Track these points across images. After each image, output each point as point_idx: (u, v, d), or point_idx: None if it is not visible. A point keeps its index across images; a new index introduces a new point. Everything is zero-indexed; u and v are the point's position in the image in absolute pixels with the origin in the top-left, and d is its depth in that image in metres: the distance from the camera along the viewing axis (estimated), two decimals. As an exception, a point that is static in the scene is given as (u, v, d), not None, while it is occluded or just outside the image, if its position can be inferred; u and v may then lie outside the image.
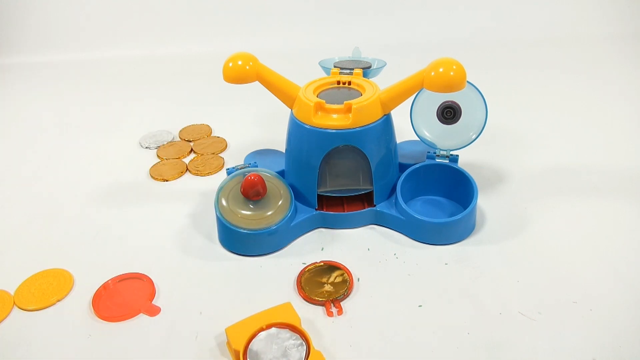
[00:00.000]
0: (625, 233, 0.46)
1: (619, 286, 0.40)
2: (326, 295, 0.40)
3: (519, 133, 0.64)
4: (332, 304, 0.39)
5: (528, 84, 0.79)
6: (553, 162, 0.57)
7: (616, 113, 0.69)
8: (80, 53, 1.01)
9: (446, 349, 0.35)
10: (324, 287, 0.40)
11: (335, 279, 0.41)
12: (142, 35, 1.02)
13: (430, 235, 0.45)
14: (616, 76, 0.81)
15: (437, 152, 0.50)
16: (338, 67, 0.52)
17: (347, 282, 0.41)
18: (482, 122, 0.48)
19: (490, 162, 0.58)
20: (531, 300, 0.39)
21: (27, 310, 0.40)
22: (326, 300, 0.39)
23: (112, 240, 0.48)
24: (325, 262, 0.43)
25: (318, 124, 0.44)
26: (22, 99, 0.84)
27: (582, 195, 0.51)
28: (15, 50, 1.01)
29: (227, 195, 0.46)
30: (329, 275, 0.42)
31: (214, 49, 0.96)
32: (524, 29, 0.99)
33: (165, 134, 0.68)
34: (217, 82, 0.49)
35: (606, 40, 0.95)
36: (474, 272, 0.42)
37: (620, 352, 0.34)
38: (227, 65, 0.45)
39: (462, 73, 0.41)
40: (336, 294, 0.40)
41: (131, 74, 0.92)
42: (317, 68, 0.55)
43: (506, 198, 0.51)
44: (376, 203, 0.48)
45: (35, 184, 0.58)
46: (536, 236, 0.46)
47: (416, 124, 0.50)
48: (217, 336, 0.37)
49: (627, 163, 0.57)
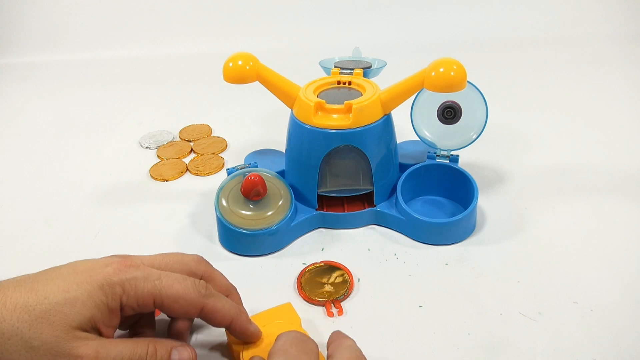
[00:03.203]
0: (625, 233, 0.46)
1: (619, 286, 0.40)
2: (326, 295, 0.40)
3: (519, 133, 0.64)
4: (333, 305, 0.39)
5: (528, 84, 0.79)
6: (553, 162, 0.57)
7: (616, 113, 0.69)
8: (80, 53, 1.00)
9: (446, 349, 0.35)
10: (324, 288, 0.40)
11: (336, 279, 0.41)
12: (142, 35, 1.02)
13: (431, 235, 0.45)
14: (616, 76, 0.81)
15: (437, 152, 0.50)
16: (338, 67, 0.52)
17: (348, 282, 0.41)
18: (482, 122, 0.48)
19: (490, 162, 0.58)
20: (531, 300, 0.39)
21: (27, 311, 0.40)
22: (326, 301, 0.39)
23: (112, 240, 0.48)
24: (326, 263, 0.43)
25: (318, 124, 0.44)
26: (22, 99, 0.84)
27: (582, 195, 0.51)
28: (15, 50, 1.01)
29: (227, 195, 0.45)
30: (329, 276, 0.42)
31: (214, 49, 0.96)
32: (524, 29, 0.99)
33: (165, 134, 0.67)
34: (217, 82, 0.49)
35: (606, 40, 0.94)
36: (474, 272, 0.42)
37: (620, 352, 0.34)
38: (227, 65, 0.45)
39: (462, 73, 0.41)
40: (336, 294, 0.40)
41: (131, 74, 0.92)
42: (317, 68, 0.55)
43: (506, 198, 0.51)
44: (376, 203, 0.48)
45: (35, 184, 0.58)
46: (536, 236, 0.46)
47: (416, 124, 0.50)
48: (218, 337, 0.37)
49: (627, 163, 0.57)
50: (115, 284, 0.30)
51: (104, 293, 0.29)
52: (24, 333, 0.27)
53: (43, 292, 0.28)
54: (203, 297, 0.32)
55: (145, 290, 0.30)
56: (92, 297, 0.29)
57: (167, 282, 0.31)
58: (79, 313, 0.28)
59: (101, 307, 0.29)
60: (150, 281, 0.30)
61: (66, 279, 0.29)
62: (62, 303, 0.28)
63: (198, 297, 0.31)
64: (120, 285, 0.30)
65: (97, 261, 0.32)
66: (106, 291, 0.29)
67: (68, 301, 0.28)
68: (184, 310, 0.31)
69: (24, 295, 0.28)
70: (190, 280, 0.32)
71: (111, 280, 0.30)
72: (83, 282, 0.29)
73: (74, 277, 0.29)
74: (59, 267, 0.31)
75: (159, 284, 0.31)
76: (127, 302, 0.30)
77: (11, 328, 0.27)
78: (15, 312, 0.27)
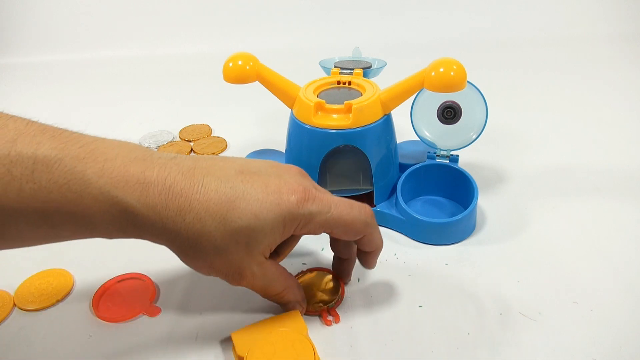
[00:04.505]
0: (625, 233, 0.46)
1: (619, 286, 0.40)
2: (321, 304, 0.39)
3: (519, 133, 0.64)
4: (329, 313, 0.38)
5: (528, 84, 0.79)
6: (553, 162, 0.57)
7: (616, 113, 0.69)
8: (80, 53, 1.01)
9: (446, 349, 0.35)
10: (318, 296, 0.40)
11: (327, 286, 0.41)
12: (142, 35, 1.02)
13: (431, 235, 0.45)
14: (616, 76, 0.81)
15: (437, 152, 0.50)
16: (338, 67, 0.52)
17: (339, 286, 0.40)
18: (482, 122, 0.48)
19: (490, 162, 0.58)
20: (531, 300, 0.39)
21: (27, 311, 0.40)
22: (322, 310, 0.38)
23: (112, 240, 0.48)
24: (312, 269, 0.43)
25: (318, 124, 0.44)
26: (22, 99, 0.84)
27: (582, 195, 0.51)
28: (15, 50, 1.01)
29: (227, 195, 0.45)
30: (321, 282, 0.41)
31: (214, 49, 0.96)
32: (524, 29, 0.99)
33: (165, 134, 0.68)
34: (217, 82, 0.49)
35: (606, 40, 0.95)
36: (474, 272, 0.42)
37: (620, 352, 0.34)
38: (227, 65, 0.45)
39: (462, 73, 0.41)
40: (329, 302, 0.39)
41: (131, 74, 0.92)
42: (317, 68, 0.55)
43: (506, 198, 0.51)
44: (376, 203, 0.48)
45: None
46: (536, 236, 0.46)
47: (416, 124, 0.50)
48: (218, 337, 0.37)
49: (627, 163, 0.57)
50: (295, 217, 0.32)
51: (284, 224, 0.32)
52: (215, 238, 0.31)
53: (238, 211, 0.30)
54: (367, 226, 0.35)
55: (318, 223, 0.33)
56: (275, 228, 0.32)
57: (337, 214, 0.33)
58: (261, 242, 0.32)
59: (277, 237, 0.33)
60: (323, 214, 0.33)
61: (258, 200, 0.31)
62: (251, 228, 0.31)
63: (363, 226, 0.34)
64: (299, 219, 0.32)
65: (284, 181, 0.33)
66: (286, 223, 0.32)
67: (256, 229, 0.31)
68: (347, 237, 0.35)
69: (222, 208, 0.30)
70: (356, 209, 0.34)
71: (293, 213, 0.32)
72: (270, 211, 0.31)
73: (264, 198, 0.31)
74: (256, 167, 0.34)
75: (330, 217, 0.33)
76: (298, 232, 0.33)
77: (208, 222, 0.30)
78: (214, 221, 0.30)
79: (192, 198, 0.30)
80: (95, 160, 0.29)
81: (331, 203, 0.33)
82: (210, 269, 0.32)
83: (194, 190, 0.30)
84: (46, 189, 0.27)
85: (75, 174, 0.28)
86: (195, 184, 0.30)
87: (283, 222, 0.32)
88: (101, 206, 0.29)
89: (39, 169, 0.27)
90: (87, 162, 0.28)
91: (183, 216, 0.30)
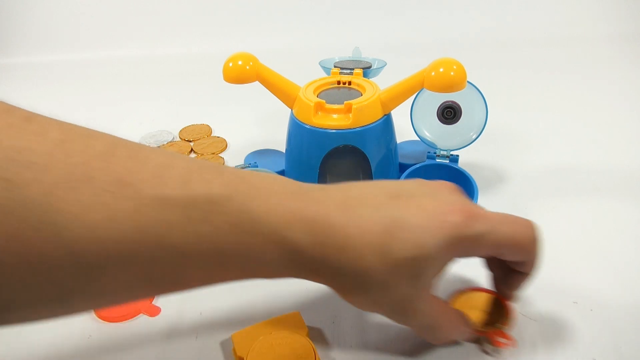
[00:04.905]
0: (625, 233, 0.46)
1: (619, 286, 0.40)
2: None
3: (519, 133, 0.64)
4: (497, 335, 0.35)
5: (528, 84, 0.79)
6: (553, 162, 0.57)
7: (616, 113, 0.69)
8: (80, 53, 1.01)
9: (446, 349, 0.35)
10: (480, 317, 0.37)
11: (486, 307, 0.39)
12: (142, 35, 1.02)
13: (431, 235, 0.45)
14: (616, 76, 0.81)
15: (437, 152, 0.50)
16: (338, 67, 0.52)
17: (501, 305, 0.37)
18: (482, 122, 0.48)
19: (490, 162, 0.58)
20: (531, 300, 0.39)
21: (27, 311, 0.40)
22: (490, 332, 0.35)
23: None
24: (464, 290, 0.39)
25: (318, 124, 0.44)
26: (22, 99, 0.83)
27: (582, 195, 0.51)
28: (15, 50, 1.01)
29: (227, 195, 0.45)
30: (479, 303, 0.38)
31: (214, 49, 0.96)
32: (524, 29, 0.99)
33: (165, 134, 0.68)
34: (217, 82, 0.49)
35: (606, 40, 0.95)
36: (474, 272, 0.42)
37: (620, 352, 0.34)
38: (227, 65, 0.45)
39: (462, 73, 0.41)
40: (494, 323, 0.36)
41: (131, 74, 0.92)
42: (317, 68, 0.55)
43: (506, 198, 0.51)
44: (376, 203, 0.48)
45: (35, 184, 0.58)
46: (536, 236, 0.46)
47: (416, 124, 0.50)
48: (219, 337, 0.37)
49: (627, 163, 0.57)
50: (461, 241, 0.28)
51: (449, 251, 0.28)
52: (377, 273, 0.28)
53: (398, 241, 0.27)
54: (534, 241, 0.31)
55: (487, 245, 0.29)
56: (440, 256, 0.28)
57: (505, 232, 0.29)
58: (425, 273, 0.28)
59: (442, 266, 0.29)
60: (492, 234, 0.29)
61: (419, 226, 0.28)
62: (414, 258, 0.28)
63: (531, 243, 0.31)
64: (466, 241, 0.28)
65: (442, 200, 0.30)
66: (451, 249, 0.28)
67: (419, 258, 0.28)
68: (516, 258, 0.31)
69: (381, 239, 0.27)
70: (520, 224, 0.30)
71: (459, 235, 0.28)
72: (433, 236, 0.28)
73: (424, 223, 0.28)
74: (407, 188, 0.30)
75: (498, 238, 0.29)
76: (462, 256, 0.30)
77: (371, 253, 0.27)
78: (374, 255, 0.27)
79: (350, 233, 0.27)
80: (259, 197, 0.27)
81: (495, 220, 0.29)
82: (374, 305, 0.30)
83: (351, 225, 0.28)
84: (222, 230, 0.26)
85: (246, 213, 0.26)
86: (351, 218, 0.28)
87: (447, 247, 0.28)
88: (270, 246, 0.27)
89: (214, 210, 0.26)
90: (253, 200, 0.27)
91: (343, 252, 0.28)
